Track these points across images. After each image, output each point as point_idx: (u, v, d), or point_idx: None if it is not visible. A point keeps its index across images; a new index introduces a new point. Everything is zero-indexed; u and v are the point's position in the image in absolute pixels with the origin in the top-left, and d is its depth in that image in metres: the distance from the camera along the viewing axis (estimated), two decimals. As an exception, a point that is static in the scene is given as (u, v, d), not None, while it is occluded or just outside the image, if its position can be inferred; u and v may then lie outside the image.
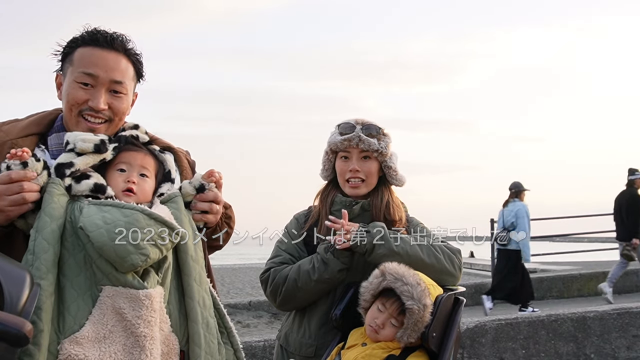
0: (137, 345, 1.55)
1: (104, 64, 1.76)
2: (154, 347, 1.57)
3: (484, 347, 4.76)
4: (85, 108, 1.76)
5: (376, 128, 2.29)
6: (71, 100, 1.75)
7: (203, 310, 1.71)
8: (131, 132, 1.82)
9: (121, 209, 1.59)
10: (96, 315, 1.54)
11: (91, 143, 1.68)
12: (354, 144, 2.27)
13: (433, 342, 1.96)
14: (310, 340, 2.22)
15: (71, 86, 1.75)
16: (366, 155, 2.28)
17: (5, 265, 1.38)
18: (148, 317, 1.56)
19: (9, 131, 1.76)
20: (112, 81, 1.77)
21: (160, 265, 1.65)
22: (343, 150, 2.30)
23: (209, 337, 1.70)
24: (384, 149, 2.28)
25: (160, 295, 1.61)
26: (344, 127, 2.31)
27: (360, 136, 2.26)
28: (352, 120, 2.31)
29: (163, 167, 1.82)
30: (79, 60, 1.76)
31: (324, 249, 2.17)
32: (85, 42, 1.78)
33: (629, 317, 5.15)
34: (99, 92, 1.75)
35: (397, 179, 2.33)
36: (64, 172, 1.64)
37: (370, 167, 2.28)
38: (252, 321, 7.11)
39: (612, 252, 13.31)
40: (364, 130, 2.27)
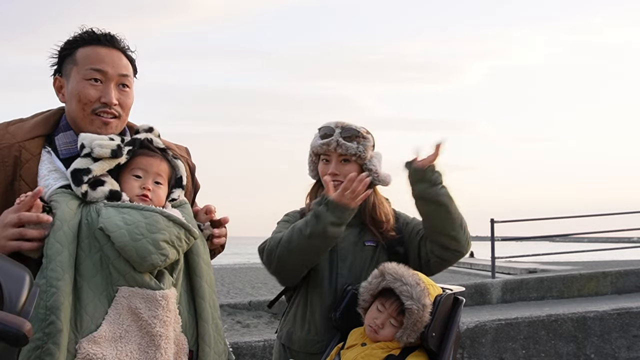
0: (152, 345, 1.59)
1: (110, 60, 1.79)
2: (169, 347, 1.61)
3: (484, 347, 4.77)
4: (98, 106, 1.77)
5: (355, 131, 2.30)
6: (84, 98, 1.76)
7: (213, 311, 1.77)
8: (146, 136, 1.84)
9: (140, 211, 1.64)
10: (112, 315, 1.57)
11: (108, 149, 1.71)
12: (332, 148, 2.29)
13: (432, 342, 1.96)
14: (316, 337, 2.23)
15: (81, 84, 1.77)
16: (345, 159, 2.30)
17: (4, 265, 1.38)
18: (164, 317, 1.60)
19: (16, 133, 1.76)
20: (120, 75, 1.80)
21: (174, 267, 1.70)
22: (323, 154, 2.33)
23: (217, 337, 1.75)
24: (363, 152, 2.29)
25: (175, 296, 1.66)
26: (323, 130, 2.34)
27: (338, 140, 2.28)
28: (332, 123, 2.33)
29: (175, 173, 1.86)
30: (84, 58, 1.78)
31: (317, 202, 2.17)
32: (86, 42, 1.79)
33: (629, 317, 5.15)
34: (110, 87, 1.78)
35: (380, 180, 2.33)
36: (81, 178, 1.66)
37: (350, 170, 2.26)
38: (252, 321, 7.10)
39: (612, 252, 13.34)
40: (342, 133, 2.29)
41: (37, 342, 1.49)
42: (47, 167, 1.72)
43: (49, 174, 1.71)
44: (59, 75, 1.84)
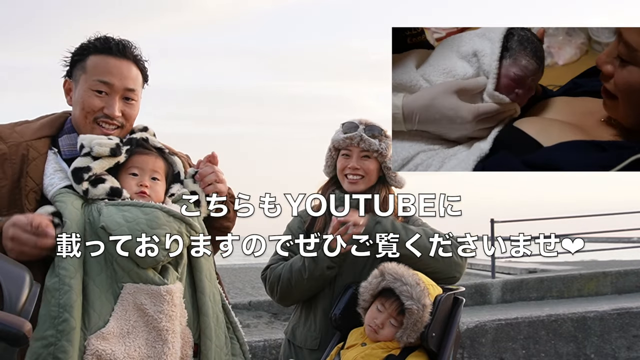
0: (159, 339, 1.61)
1: (118, 73, 1.81)
2: (175, 340, 1.64)
3: (484, 347, 4.77)
4: (100, 115, 1.81)
5: (379, 129, 2.36)
6: (87, 107, 1.80)
7: (214, 305, 1.79)
8: (141, 135, 1.87)
9: (141, 208, 1.67)
10: (119, 311, 1.60)
11: (107, 147, 1.74)
12: (355, 143, 2.33)
13: (432, 342, 1.96)
14: (315, 333, 2.27)
15: (86, 93, 1.80)
16: (366, 155, 2.34)
17: (4, 265, 1.39)
18: (169, 312, 1.63)
19: (23, 132, 1.80)
20: (126, 89, 1.82)
21: (179, 262, 1.73)
22: (345, 148, 2.37)
23: (218, 330, 1.78)
24: (384, 150, 2.34)
25: (180, 290, 1.68)
26: (347, 126, 2.38)
27: (362, 136, 2.32)
28: (357, 120, 2.39)
29: (172, 169, 1.89)
30: (93, 68, 1.80)
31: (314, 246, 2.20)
32: (97, 50, 1.82)
33: (629, 317, 5.15)
34: (114, 99, 1.80)
35: (396, 181, 2.38)
36: (81, 176, 1.70)
37: (369, 166, 2.33)
38: (252, 321, 7.10)
39: (612, 252, 13.33)
40: (366, 130, 2.34)
41: (50, 340, 1.52)
42: (53, 166, 1.77)
43: (54, 173, 1.75)
44: (69, 79, 1.87)
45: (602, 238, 13.96)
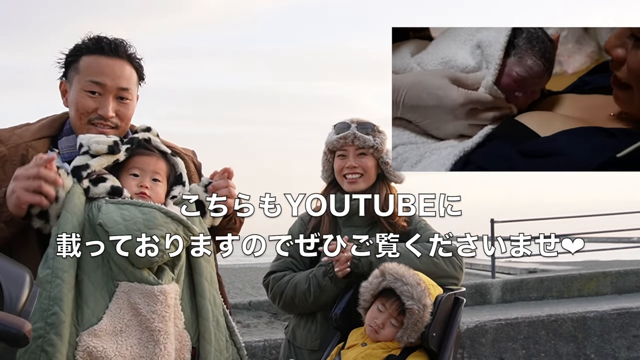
0: (151, 340, 1.60)
1: (111, 72, 1.80)
2: (168, 342, 1.62)
3: (484, 347, 4.77)
4: (95, 116, 1.80)
5: (371, 126, 2.34)
6: (80, 109, 1.80)
7: (214, 308, 1.78)
8: (144, 135, 1.86)
9: (139, 207, 1.66)
10: (113, 309, 1.59)
11: (105, 145, 1.74)
12: (349, 142, 2.32)
13: (433, 342, 1.96)
14: (315, 334, 2.26)
15: (79, 95, 1.79)
16: (362, 152, 2.33)
17: (5, 265, 1.38)
18: (162, 313, 1.61)
19: (23, 134, 1.81)
20: (119, 88, 1.81)
21: (175, 264, 1.72)
22: (340, 149, 2.35)
23: (218, 334, 1.77)
24: (380, 145, 2.32)
25: (174, 291, 1.67)
26: (339, 126, 2.36)
27: (355, 133, 2.31)
28: (348, 119, 2.37)
29: (174, 170, 1.87)
30: (86, 68, 1.80)
31: (322, 274, 2.19)
32: (90, 51, 1.81)
33: (629, 317, 5.15)
34: (107, 100, 1.80)
35: (396, 176, 2.36)
36: (80, 174, 1.70)
37: (367, 163, 2.32)
38: (252, 321, 7.10)
39: (612, 252, 13.32)
40: (359, 128, 2.32)
41: (38, 332, 1.50)
42: None
43: None
44: (64, 80, 1.87)
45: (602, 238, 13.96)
